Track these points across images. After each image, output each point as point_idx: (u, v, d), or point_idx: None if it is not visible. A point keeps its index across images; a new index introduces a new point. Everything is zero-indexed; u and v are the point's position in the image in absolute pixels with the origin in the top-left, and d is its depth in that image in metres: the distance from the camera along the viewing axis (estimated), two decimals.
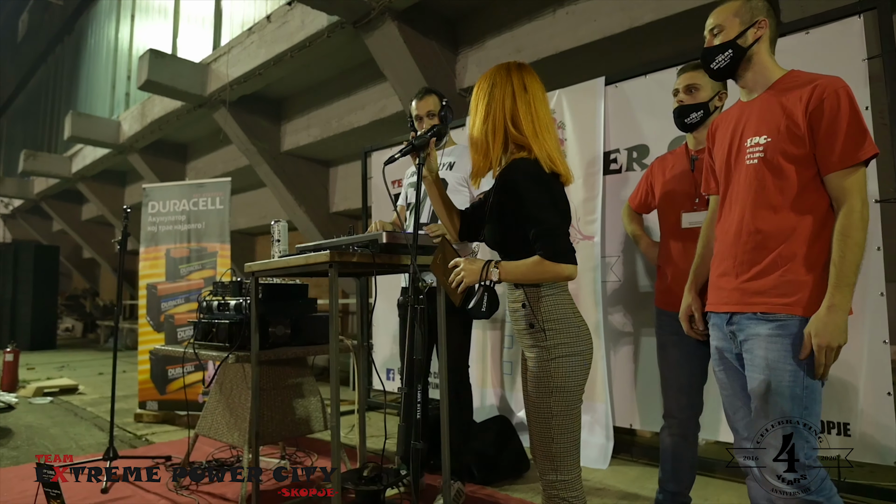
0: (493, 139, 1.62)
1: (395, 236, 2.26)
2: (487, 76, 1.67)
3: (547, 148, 1.59)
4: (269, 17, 5.89)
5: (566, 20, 4.55)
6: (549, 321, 1.60)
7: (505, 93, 1.61)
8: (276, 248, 2.47)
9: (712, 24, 1.65)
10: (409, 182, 2.93)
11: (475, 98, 1.67)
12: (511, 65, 1.67)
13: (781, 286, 1.47)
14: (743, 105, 1.66)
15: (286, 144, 7.26)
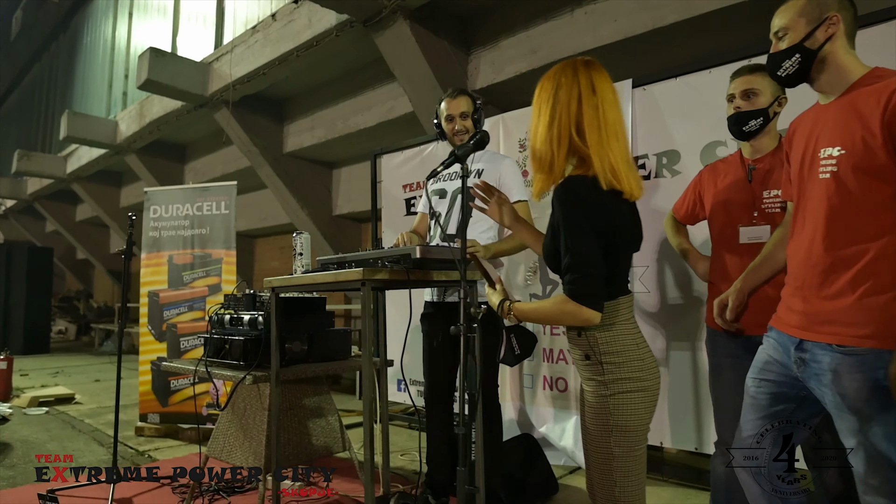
0: (559, 149, 1.47)
1: (430, 251, 2.11)
2: (551, 76, 1.52)
3: (611, 159, 1.44)
4: (274, 15, 5.73)
5: (585, 20, 4.41)
6: (607, 353, 1.46)
7: (571, 95, 1.45)
8: (298, 262, 2.31)
9: (777, 27, 1.52)
10: (432, 189, 2.75)
11: (537, 102, 1.52)
12: (578, 62, 1.51)
13: (854, 315, 1.36)
14: (819, 109, 1.52)
15: (289, 146, 7.11)
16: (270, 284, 2.31)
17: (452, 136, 2.63)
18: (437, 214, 2.66)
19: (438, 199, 2.67)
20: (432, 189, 2.74)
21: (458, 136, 2.61)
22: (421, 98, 4.92)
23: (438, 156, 4.29)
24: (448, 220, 2.59)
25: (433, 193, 2.72)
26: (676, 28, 4.01)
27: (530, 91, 2.36)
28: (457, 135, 2.61)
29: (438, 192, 2.69)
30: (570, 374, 3.54)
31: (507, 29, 4.82)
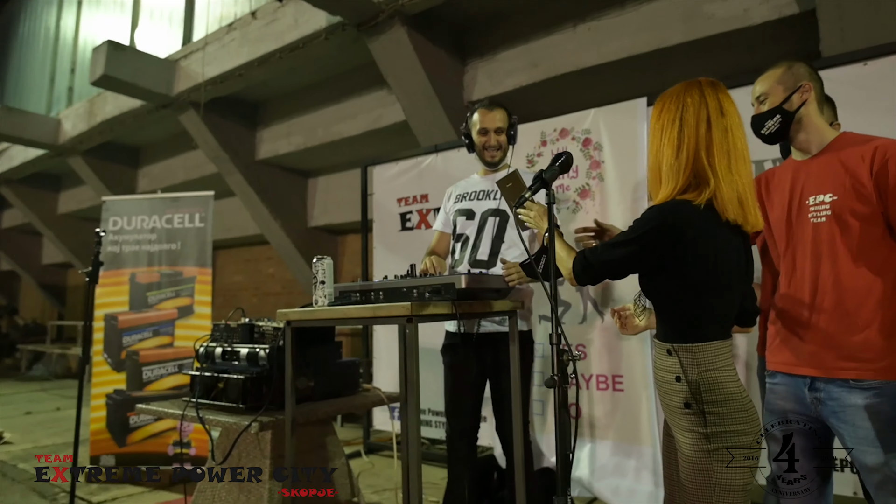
0: (683, 173, 1.38)
1: (478, 279, 1.91)
2: (674, 95, 1.43)
3: (738, 187, 1.37)
4: (254, 13, 5.44)
5: (588, 36, 4.35)
6: (711, 402, 1.34)
7: (699, 118, 1.38)
8: (320, 292, 2.06)
9: (758, 93, 1.70)
10: (457, 208, 2.54)
11: (660, 122, 1.44)
12: (703, 82, 1.42)
13: (871, 349, 1.46)
14: (798, 164, 1.69)
15: (262, 152, 6.78)
16: (286, 317, 2.05)
17: (483, 149, 2.44)
18: (463, 237, 2.45)
19: (465, 221, 2.46)
20: (457, 208, 2.53)
21: (488, 150, 2.44)
22: (415, 107, 4.74)
23: (438, 169, 4.10)
24: (478, 245, 2.39)
25: (458, 213, 2.51)
26: (682, 49, 4.00)
27: (530, 105, 2.26)
28: (487, 149, 2.44)
29: (464, 213, 2.48)
30: (584, 400, 3.39)
31: (507, 41, 4.73)
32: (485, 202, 2.45)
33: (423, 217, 4.19)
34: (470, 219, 2.45)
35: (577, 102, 3.42)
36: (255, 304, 8.62)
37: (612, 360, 3.30)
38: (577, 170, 3.48)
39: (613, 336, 3.28)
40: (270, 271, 8.52)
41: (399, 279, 2.03)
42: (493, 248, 2.37)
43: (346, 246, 7.51)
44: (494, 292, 2.09)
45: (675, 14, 3.95)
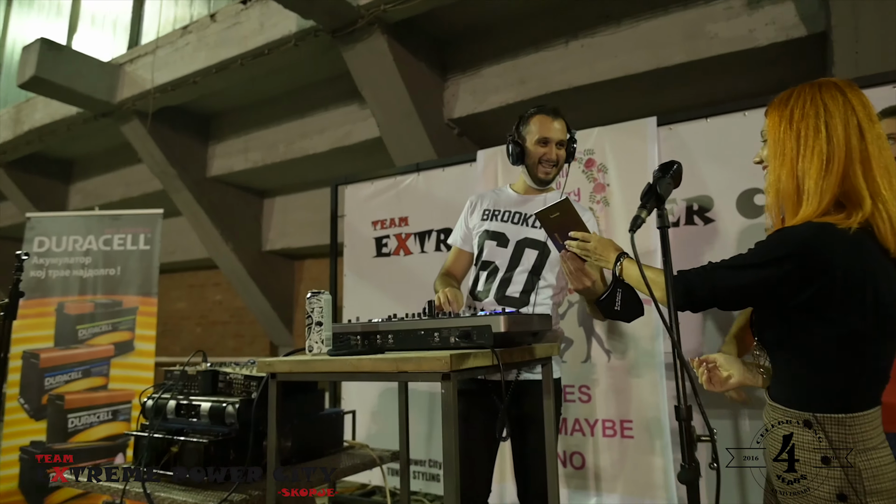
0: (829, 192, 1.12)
1: (517, 320, 1.61)
2: (805, 97, 1.18)
3: None
4: (213, 15, 5.05)
5: (581, 53, 4.19)
6: (874, 493, 1.05)
7: (849, 124, 1.13)
8: (316, 336, 1.64)
9: None
10: (483, 229, 2.16)
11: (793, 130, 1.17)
12: (839, 82, 1.18)
13: None
14: None
15: (214, 168, 6.37)
16: (271, 368, 1.61)
17: (538, 163, 2.08)
18: (491, 266, 2.08)
19: (495, 247, 2.09)
20: (485, 228, 2.15)
21: (545, 165, 2.08)
22: (392, 123, 4.44)
23: (419, 190, 3.76)
24: (510, 279, 2.04)
25: (487, 236, 2.13)
26: (681, 69, 3.88)
27: None
28: (544, 163, 2.08)
29: (495, 236, 2.11)
30: (588, 448, 3.07)
31: (492, 56, 4.54)
32: (522, 228, 2.09)
33: (402, 242, 3.84)
34: (502, 245, 2.08)
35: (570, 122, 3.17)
36: (200, 334, 8.18)
37: (620, 403, 3.03)
38: (579, 193, 3.24)
39: (621, 377, 3.03)
40: (218, 298, 8.11)
41: (413, 318, 1.67)
42: (528, 285, 2.02)
43: (305, 272, 7.18)
44: (532, 336, 1.74)
45: (675, 33, 3.84)
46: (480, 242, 2.12)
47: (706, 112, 3.01)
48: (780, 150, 1.18)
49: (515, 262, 2.04)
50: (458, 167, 3.64)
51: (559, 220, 1.61)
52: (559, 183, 2.45)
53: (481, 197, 2.25)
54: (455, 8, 4.15)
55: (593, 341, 3.12)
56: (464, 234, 2.23)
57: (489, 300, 2.03)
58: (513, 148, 2.09)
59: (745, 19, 3.69)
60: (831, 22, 3.27)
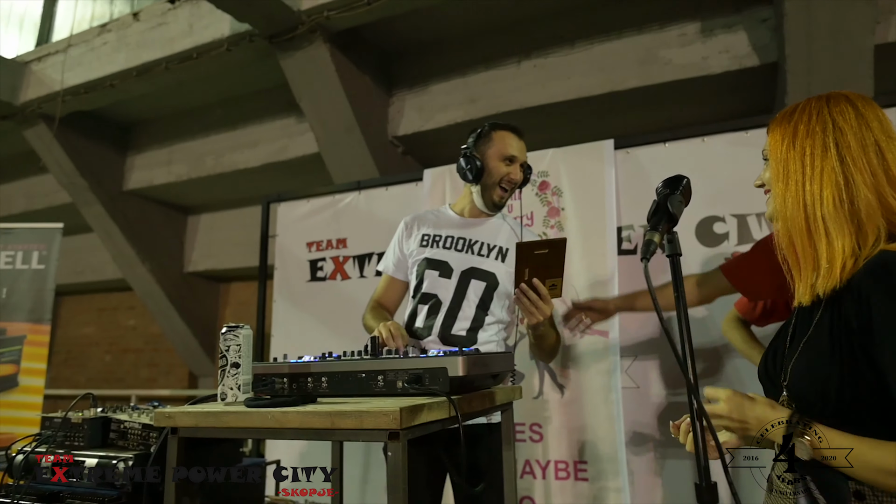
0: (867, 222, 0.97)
1: (478, 362, 1.39)
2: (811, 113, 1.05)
3: None
4: (136, 14, 4.73)
5: (533, 73, 4.16)
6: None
7: (866, 141, 0.99)
8: (231, 381, 1.36)
9: None
10: (422, 258, 1.92)
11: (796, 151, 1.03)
12: (850, 95, 1.05)
13: None
14: None
15: (132, 181, 6.00)
16: (172, 422, 1.31)
17: (497, 183, 1.88)
18: (433, 300, 1.85)
19: (437, 278, 1.86)
20: (425, 256, 1.91)
21: (504, 186, 1.89)
22: (332, 138, 4.25)
23: (360, 209, 3.54)
24: (456, 314, 1.83)
25: (427, 265, 1.89)
26: (637, 94, 3.89)
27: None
28: (503, 184, 1.88)
29: (436, 265, 1.88)
30: (539, 492, 2.90)
31: (441, 72, 4.44)
32: (468, 257, 1.88)
33: (340, 266, 3.59)
34: (445, 276, 1.85)
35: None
36: (109, 362, 7.67)
37: (573, 443, 2.89)
38: (532, 217, 3.10)
39: (575, 414, 2.88)
40: (131, 323, 7.64)
41: (352, 357, 1.42)
42: (476, 321, 1.81)
43: (230, 296, 6.86)
44: (492, 378, 1.52)
45: (629, 57, 3.85)
46: (420, 272, 1.89)
47: (665, 136, 2.97)
48: (784, 172, 1.04)
49: (461, 295, 1.83)
50: (403, 186, 3.43)
51: (543, 258, 1.48)
52: (511, 206, 2.27)
53: (418, 219, 2.03)
54: (403, 20, 4.03)
55: (546, 376, 2.96)
56: (397, 260, 1.99)
57: (431, 338, 1.81)
58: (470, 163, 1.86)
59: (698, 47, 3.74)
60: (785, 52, 3.33)
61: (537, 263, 1.50)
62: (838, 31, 3.21)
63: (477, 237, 1.90)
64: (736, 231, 2.65)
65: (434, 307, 1.84)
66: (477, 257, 1.88)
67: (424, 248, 1.92)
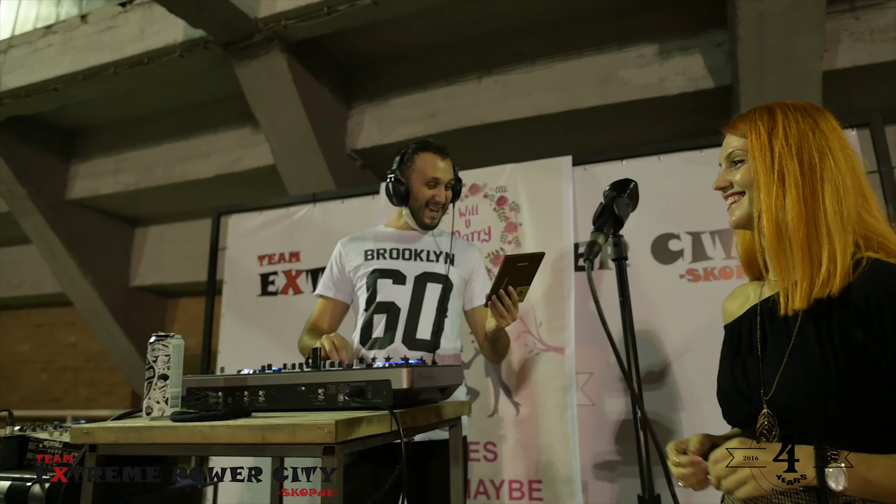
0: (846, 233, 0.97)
1: (425, 373, 1.35)
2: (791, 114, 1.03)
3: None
4: (84, 16, 4.61)
5: (494, 90, 4.21)
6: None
7: (847, 155, 1.01)
8: (157, 395, 1.30)
9: None
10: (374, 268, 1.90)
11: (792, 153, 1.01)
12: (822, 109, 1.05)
13: None
14: None
15: (76, 191, 5.81)
16: (90, 438, 1.23)
17: (424, 206, 1.91)
18: (392, 308, 1.83)
19: (392, 285, 1.85)
20: (374, 268, 1.89)
21: (432, 208, 1.91)
22: (288, 149, 4.21)
23: (315, 222, 3.49)
24: (417, 319, 1.82)
25: (378, 275, 1.87)
26: (596, 112, 3.97)
27: None
28: (430, 206, 1.91)
29: (389, 274, 1.88)
30: None
31: (402, 87, 4.46)
32: (418, 263, 1.90)
33: (292, 280, 3.52)
34: (399, 283, 1.85)
35: (479, 159, 3.15)
36: (45, 381, 7.40)
37: (528, 462, 2.87)
38: (489, 232, 3.12)
39: (530, 432, 2.86)
40: (71, 340, 7.38)
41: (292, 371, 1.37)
42: (437, 324, 1.82)
43: (179, 311, 6.70)
44: (440, 392, 1.49)
45: (589, 76, 3.94)
46: (370, 283, 1.88)
47: (622, 154, 3.02)
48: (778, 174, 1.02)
49: (419, 299, 1.84)
50: (359, 199, 3.39)
51: (521, 270, 1.57)
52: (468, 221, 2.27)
53: (355, 239, 2.03)
54: (364, 32, 4.03)
55: (501, 393, 2.95)
56: (336, 280, 1.97)
57: (394, 346, 1.80)
58: (395, 188, 1.89)
59: (656, 68, 3.85)
60: (738, 75, 3.45)
61: (515, 274, 1.57)
62: (788, 57, 3.36)
63: (421, 247, 1.93)
64: (690, 248, 2.70)
65: (393, 314, 1.84)
66: (427, 263, 1.91)
67: (371, 260, 1.91)
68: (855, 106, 3.77)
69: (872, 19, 3.60)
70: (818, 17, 3.22)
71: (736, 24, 3.30)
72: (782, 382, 0.97)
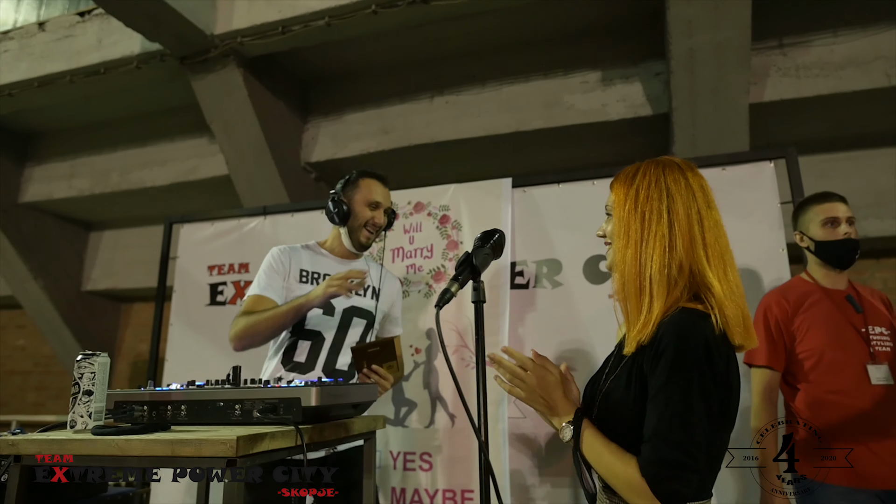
0: (677, 284, 1.09)
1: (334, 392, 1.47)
2: (650, 177, 1.15)
3: (741, 301, 1.12)
4: (42, 24, 4.62)
5: (445, 109, 4.36)
6: None
7: (691, 210, 1.12)
8: (82, 409, 1.40)
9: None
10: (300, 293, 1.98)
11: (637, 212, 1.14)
12: (682, 164, 1.18)
13: None
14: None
15: (29, 194, 5.76)
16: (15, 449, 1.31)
17: (362, 226, 2.05)
18: (317, 337, 1.97)
19: (320, 315, 1.98)
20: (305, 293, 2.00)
21: (369, 229, 2.06)
22: (242, 161, 4.30)
23: (265, 235, 3.58)
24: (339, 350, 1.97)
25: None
26: (542, 134, 4.14)
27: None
28: (368, 226, 2.06)
29: None
30: None
31: (356, 103, 4.58)
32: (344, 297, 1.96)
33: (241, 290, 3.60)
34: (328, 313, 1.99)
35: (429, 176, 3.31)
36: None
37: (462, 472, 2.98)
38: (432, 249, 3.25)
39: (464, 443, 2.98)
40: (20, 343, 7.20)
41: (214, 387, 1.48)
42: None
43: (132, 316, 6.62)
44: (353, 408, 1.63)
45: (535, 99, 4.11)
46: None
47: (558, 178, 3.18)
48: (625, 230, 1.15)
49: (343, 331, 1.98)
50: (309, 213, 3.50)
51: (377, 354, 1.78)
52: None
53: (293, 252, 2.10)
54: (320, 51, 4.16)
55: (438, 405, 3.07)
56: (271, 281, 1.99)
57: (315, 372, 1.93)
58: (335, 206, 2.03)
59: (598, 94, 4.05)
60: (672, 105, 3.67)
61: (372, 357, 1.81)
62: (718, 89, 3.58)
63: None
64: None
65: (318, 344, 1.95)
66: (356, 297, 2.02)
67: (304, 284, 2.01)
68: (781, 137, 4.02)
69: (798, 56, 3.86)
70: (744, 54, 3.46)
71: (669, 57, 3.54)
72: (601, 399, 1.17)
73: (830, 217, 2.04)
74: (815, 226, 2.06)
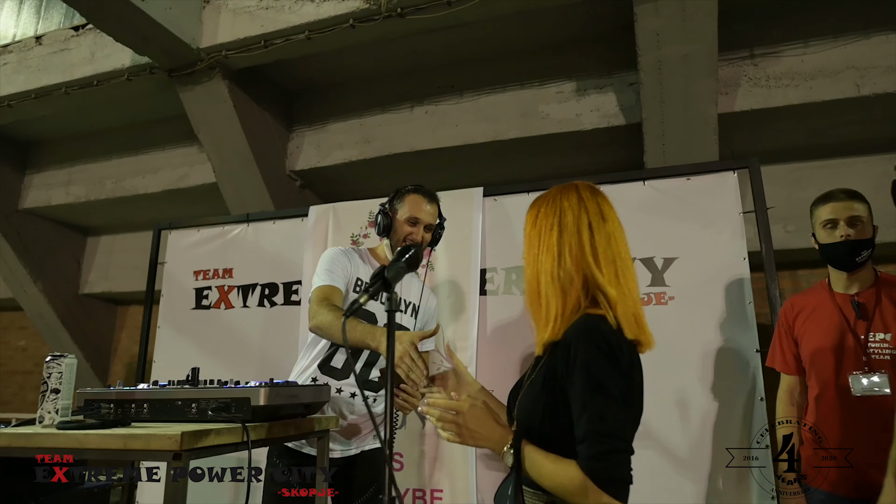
0: (570, 289, 1.23)
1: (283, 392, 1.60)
2: (548, 200, 1.30)
3: (633, 300, 1.24)
4: (39, 38, 4.79)
5: (425, 119, 4.48)
6: None
7: (580, 221, 1.24)
8: (49, 406, 1.57)
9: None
10: None
11: (534, 231, 1.28)
12: (580, 185, 1.31)
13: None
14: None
15: (29, 200, 5.90)
16: None
17: (401, 241, 2.09)
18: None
19: None
20: None
21: (408, 242, 2.11)
22: (229, 170, 4.43)
23: (248, 241, 3.72)
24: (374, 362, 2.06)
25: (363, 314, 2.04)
26: (518, 143, 4.25)
27: (358, 182, 2.14)
28: (407, 241, 2.11)
29: (364, 315, 2.03)
30: None
31: (339, 112, 4.69)
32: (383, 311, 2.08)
33: (224, 295, 3.74)
34: None
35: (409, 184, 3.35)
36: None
37: (431, 471, 3.09)
38: None
39: (433, 444, 3.09)
40: (21, 344, 7.32)
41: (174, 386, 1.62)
42: None
43: (128, 319, 6.74)
44: (305, 408, 1.76)
45: (511, 109, 4.21)
46: None
47: (528, 187, 3.28)
48: (528, 247, 1.29)
49: None
50: (290, 221, 3.63)
51: None
52: None
53: (354, 257, 2.14)
54: (303, 62, 4.28)
55: None
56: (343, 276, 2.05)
57: (349, 381, 2.02)
58: (381, 218, 2.11)
59: (573, 104, 4.14)
60: (643, 115, 3.76)
61: None
62: (687, 99, 3.66)
63: (400, 293, 2.10)
64: None
65: (355, 353, 2.01)
66: (399, 313, 2.05)
67: (355, 293, 2.06)
68: (753, 146, 4.09)
69: (769, 66, 3.92)
70: (712, 65, 3.53)
71: (639, 69, 3.63)
72: (518, 404, 1.29)
73: (828, 219, 2.01)
74: (818, 228, 2.04)
